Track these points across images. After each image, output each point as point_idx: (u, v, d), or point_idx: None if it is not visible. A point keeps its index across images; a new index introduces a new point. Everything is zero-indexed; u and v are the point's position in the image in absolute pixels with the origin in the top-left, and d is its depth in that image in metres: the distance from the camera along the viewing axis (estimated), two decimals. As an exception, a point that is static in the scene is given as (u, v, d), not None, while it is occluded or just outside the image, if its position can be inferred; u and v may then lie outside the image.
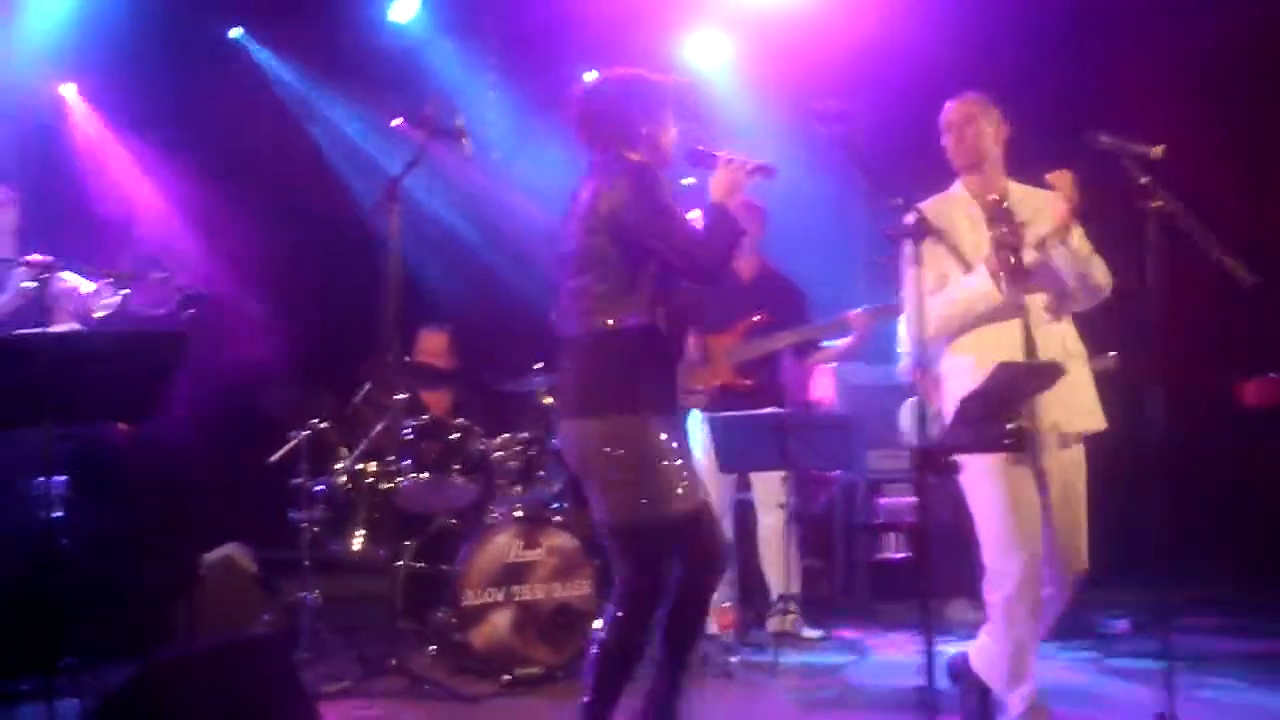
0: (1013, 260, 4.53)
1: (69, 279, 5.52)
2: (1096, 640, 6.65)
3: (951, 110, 4.85)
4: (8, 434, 4.66)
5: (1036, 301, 4.70)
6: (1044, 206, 4.68)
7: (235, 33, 8.46)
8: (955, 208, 4.80)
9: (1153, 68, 7.60)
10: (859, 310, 6.47)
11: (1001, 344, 4.61)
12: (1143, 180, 4.35)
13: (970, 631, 6.45)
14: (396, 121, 7.43)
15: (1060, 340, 4.74)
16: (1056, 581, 4.72)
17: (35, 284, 5.02)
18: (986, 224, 4.69)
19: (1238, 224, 4.79)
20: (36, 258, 5.24)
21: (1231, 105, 7.54)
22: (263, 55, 8.46)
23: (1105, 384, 6.32)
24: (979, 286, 4.61)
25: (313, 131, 8.35)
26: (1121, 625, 6.84)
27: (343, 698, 5.59)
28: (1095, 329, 6.67)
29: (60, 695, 4.72)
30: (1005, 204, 4.56)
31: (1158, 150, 4.34)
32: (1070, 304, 4.78)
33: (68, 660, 5.01)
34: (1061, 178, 4.61)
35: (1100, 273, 4.75)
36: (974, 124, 4.81)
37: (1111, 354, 6.35)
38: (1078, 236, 4.69)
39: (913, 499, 4.22)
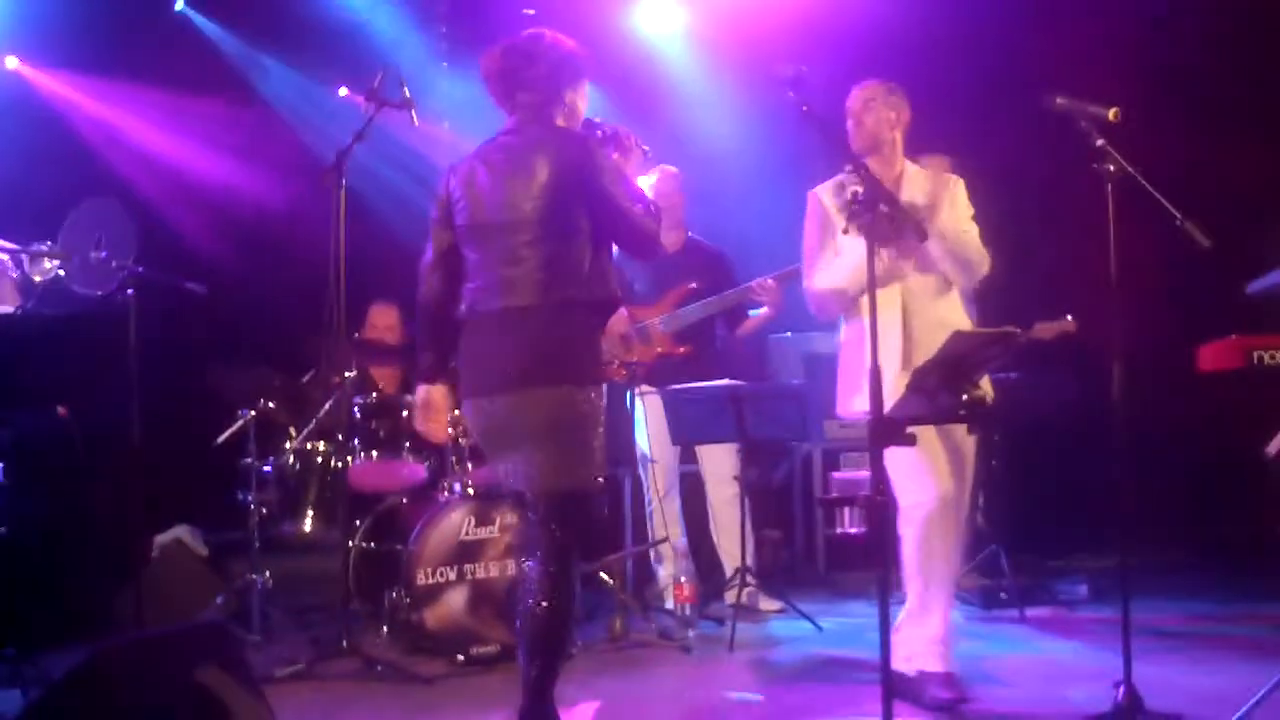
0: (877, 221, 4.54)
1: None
2: (1057, 606, 6.64)
3: (852, 97, 5.02)
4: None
5: (914, 277, 4.89)
6: (935, 189, 4.87)
7: (180, 5, 8.28)
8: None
9: (1108, 29, 7.55)
10: (765, 278, 6.45)
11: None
12: (1098, 143, 4.33)
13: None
14: (343, 92, 7.33)
15: (938, 313, 4.86)
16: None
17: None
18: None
19: (1194, 187, 4.77)
20: None
21: (1188, 67, 7.50)
22: (209, 27, 8.29)
23: (1063, 350, 6.35)
24: (854, 256, 4.67)
25: (259, 104, 8.18)
26: (1081, 591, 6.83)
27: (295, 680, 5.49)
28: (1055, 294, 6.69)
29: None
30: (867, 170, 4.53)
31: (1113, 112, 4.32)
32: (952, 280, 4.94)
33: (6, 650, 4.90)
34: (936, 160, 4.89)
35: (974, 251, 4.90)
36: (872, 110, 4.98)
37: (1068, 318, 6.34)
38: (952, 217, 4.87)
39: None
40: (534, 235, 4.23)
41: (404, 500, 6.41)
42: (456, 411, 5.53)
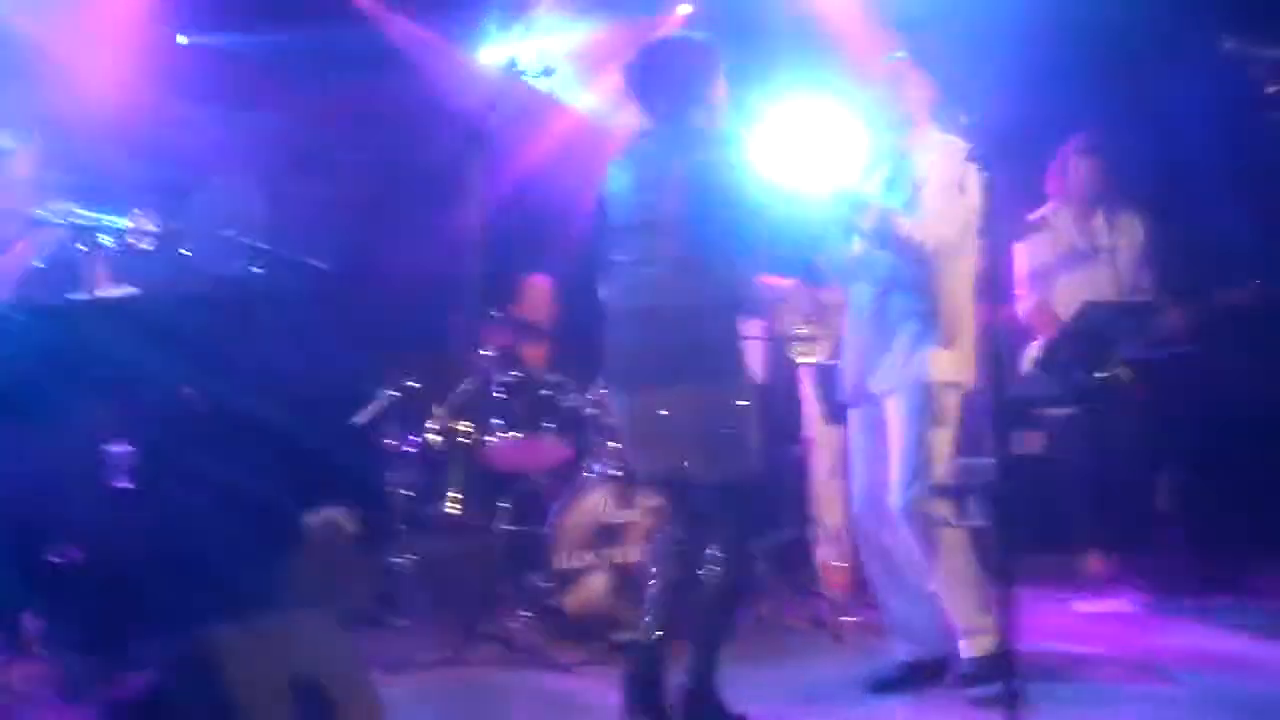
0: None
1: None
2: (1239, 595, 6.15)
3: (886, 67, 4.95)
4: (75, 402, 4.47)
5: None
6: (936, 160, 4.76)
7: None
8: None
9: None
10: None
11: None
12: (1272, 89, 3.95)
13: (1104, 587, 6.10)
14: (483, 56, 7.14)
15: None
16: None
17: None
18: None
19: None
20: (58, 208, 5.01)
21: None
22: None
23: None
24: None
25: (394, 74, 7.98)
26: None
27: (437, 666, 5.40)
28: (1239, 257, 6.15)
29: (136, 667, 4.65)
30: None
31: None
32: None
33: (146, 631, 4.90)
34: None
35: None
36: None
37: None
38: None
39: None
40: (673, 235, 4.32)
41: (547, 480, 6.26)
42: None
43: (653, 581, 4.51)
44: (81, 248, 4.87)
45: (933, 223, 4.65)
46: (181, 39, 7.43)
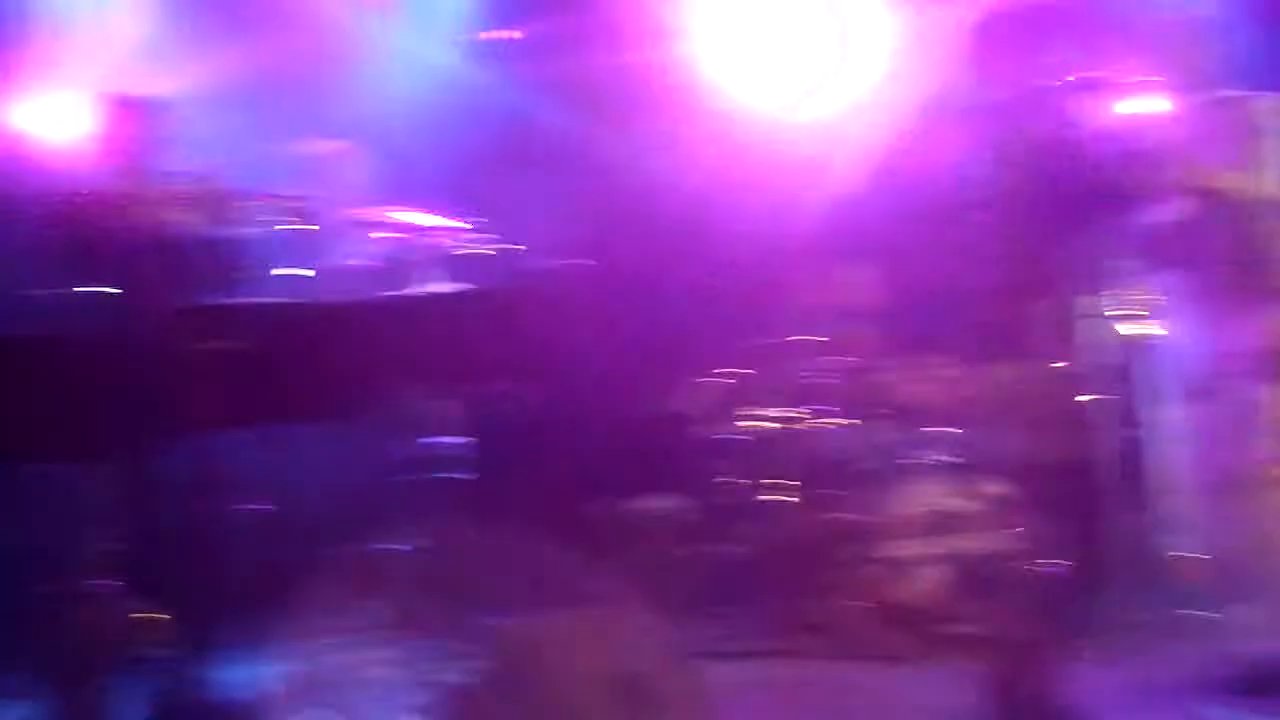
0: None
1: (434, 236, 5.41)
2: None
3: None
4: (399, 398, 4.57)
5: None
6: None
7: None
8: None
9: None
10: None
11: None
12: None
13: None
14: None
15: None
16: None
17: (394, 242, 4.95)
18: None
19: None
20: (391, 212, 5.17)
21: None
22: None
23: None
24: None
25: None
26: None
27: (766, 657, 5.32)
28: None
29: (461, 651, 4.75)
30: None
31: None
32: None
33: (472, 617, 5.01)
34: None
35: None
36: None
37: None
38: None
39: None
40: None
41: (878, 467, 6.07)
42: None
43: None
44: (410, 247, 5.02)
45: None
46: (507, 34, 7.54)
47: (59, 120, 5.54)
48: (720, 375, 6.18)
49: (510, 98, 7.04)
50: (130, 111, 5.01)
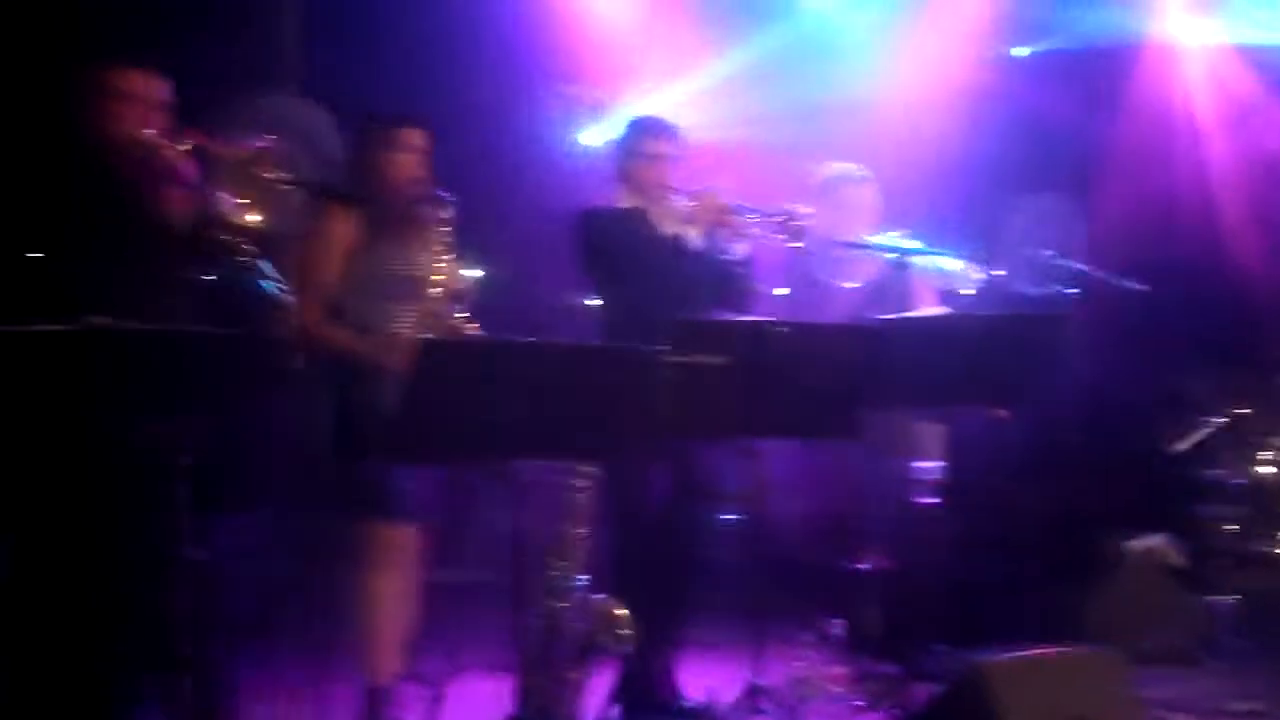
0: None
1: (927, 260, 5.39)
2: None
3: None
4: (867, 417, 4.59)
5: None
6: None
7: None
8: None
9: None
10: None
11: None
12: None
13: None
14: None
15: None
16: None
17: (894, 266, 4.97)
18: None
19: None
20: (892, 239, 5.22)
21: None
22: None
23: None
24: None
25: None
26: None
27: (1253, 717, 4.98)
28: None
29: (923, 677, 4.76)
30: None
31: None
32: None
33: (936, 646, 4.99)
34: None
35: None
36: None
37: None
38: None
39: None
40: None
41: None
42: None
43: None
44: (905, 272, 5.08)
45: None
46: (1020, 50, 7.42)
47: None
48: (1222, 413, 5.83)
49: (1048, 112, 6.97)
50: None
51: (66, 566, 4.45)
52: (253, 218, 3.97)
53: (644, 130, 5.02)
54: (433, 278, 4.45)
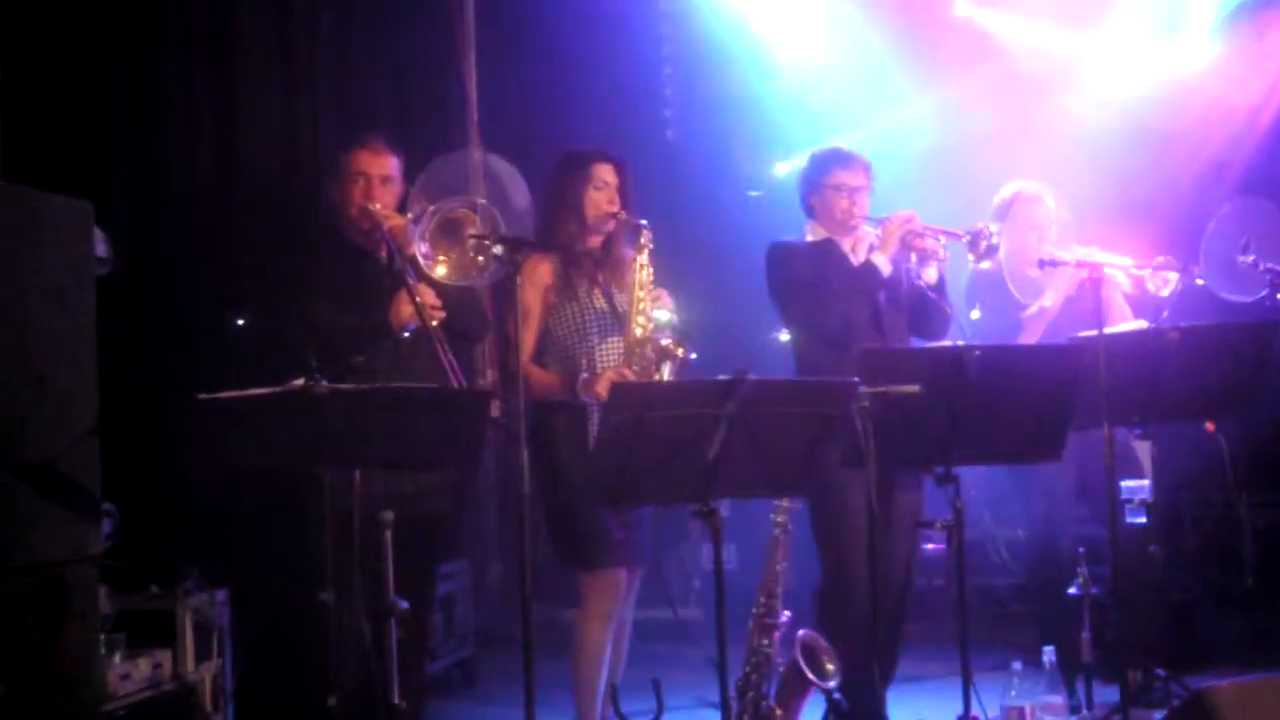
0: None
1: (1118, 272, 5.25)
2: None
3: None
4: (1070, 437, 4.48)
5: None
6: None
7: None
8: None
9: None
10: None
11: None
12: None
13: None
14: None
15: None
16: None
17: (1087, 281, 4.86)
18: None
19: None
20: (1084, 252, 5.12)
21: None
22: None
23: None
24: None
25: None
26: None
27: None
28: None
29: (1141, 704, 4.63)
30: None
31: None
32: None
33: (1157, 671, 4.86)
34: None
35: None
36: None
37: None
38: None
39: None
40: None
41: None
42: None
43: None
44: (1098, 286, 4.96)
45: None
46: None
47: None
48: None
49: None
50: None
51: (282, 618, 4.67)
52: (440, 271, 4.15)
53: (829, 161, 5.01)
54: (636, 312, 4.53)
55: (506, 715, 4.00)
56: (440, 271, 4.15)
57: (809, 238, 5.04)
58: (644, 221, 4.63)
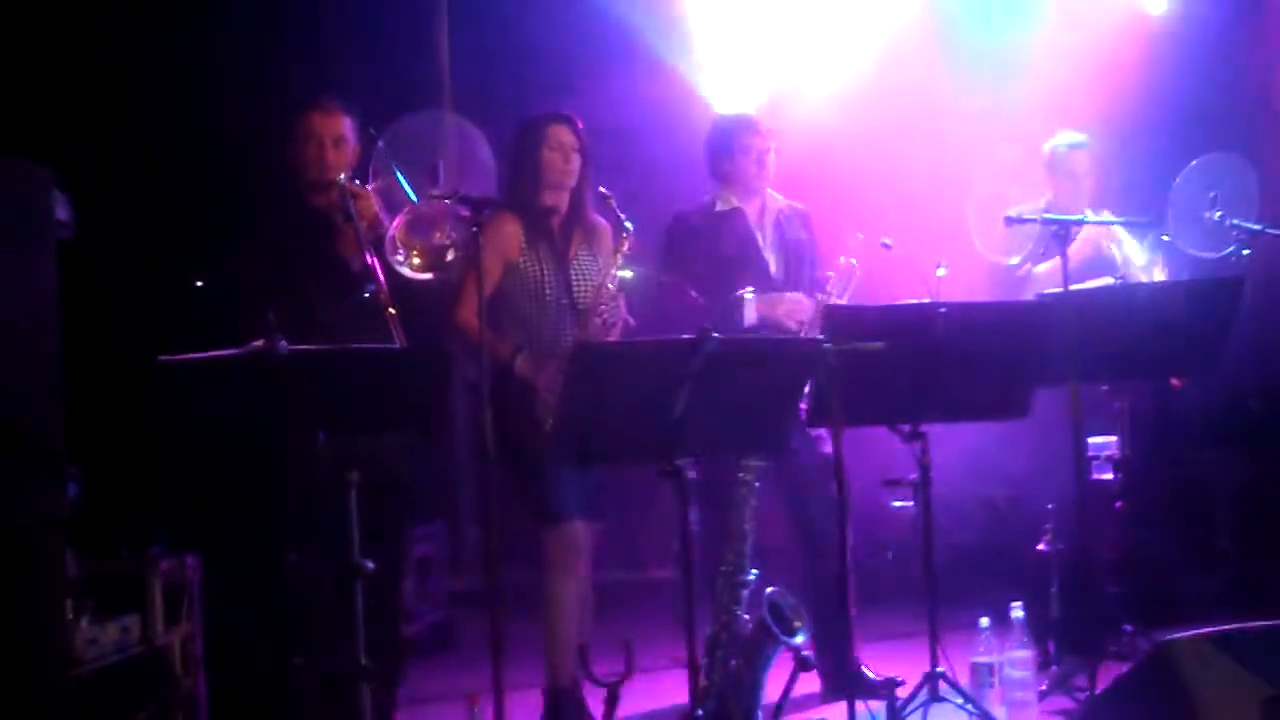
0: None
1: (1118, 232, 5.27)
2: None
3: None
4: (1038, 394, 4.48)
5: None
6: None
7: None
8: None
9: None
10: None
11: None
12: None
13: None
14: None
15: None
16: None
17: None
18: None
19: None
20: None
21: None
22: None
23: None
24: None
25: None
26: None
27: None
28: None
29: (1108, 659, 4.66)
30: None
31: None
32: None
33: (1120, 625, 4.89)
34: None
35: None
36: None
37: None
38: None
39: None
40: None
41: None
42: None
43: None
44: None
45: None
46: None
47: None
48: None
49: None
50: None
51: (249, 579, 4.67)
52: (416, 261, 4.14)
53: (736, 126, 5.05)
54: (598, 278, 4.54)
55: (482, 677, 3.98)
56: (415, 262, 4.13)
57: (719, 207, 5.07)
58: (604, 189, 4.61)
